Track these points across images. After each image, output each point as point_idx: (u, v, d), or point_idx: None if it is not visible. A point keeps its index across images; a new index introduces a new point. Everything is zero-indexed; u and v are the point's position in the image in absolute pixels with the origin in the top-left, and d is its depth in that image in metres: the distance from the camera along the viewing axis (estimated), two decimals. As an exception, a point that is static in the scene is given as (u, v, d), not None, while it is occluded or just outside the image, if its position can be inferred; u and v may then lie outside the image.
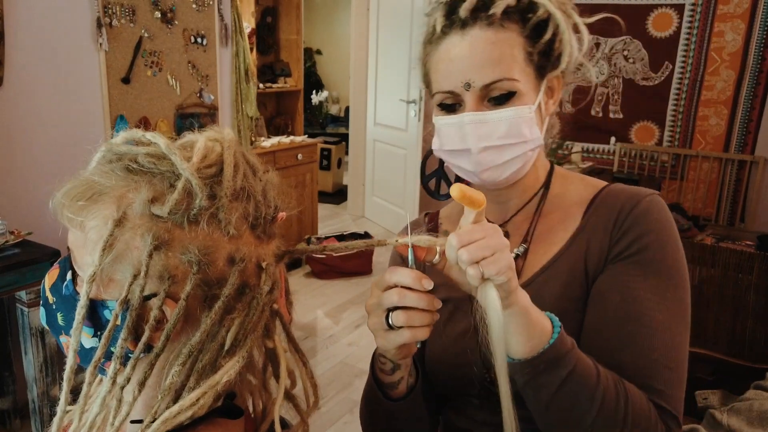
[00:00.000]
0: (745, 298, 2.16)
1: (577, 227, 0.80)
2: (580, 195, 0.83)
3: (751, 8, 3.51)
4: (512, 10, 0.74)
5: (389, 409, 0.80)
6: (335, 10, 8.04)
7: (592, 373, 0.66)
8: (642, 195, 0.78)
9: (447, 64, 0.75)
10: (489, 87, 0.74)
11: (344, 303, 3.60)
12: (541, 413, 0.69)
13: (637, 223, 0.75)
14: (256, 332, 0.53)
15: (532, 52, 0.75)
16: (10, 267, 1.88)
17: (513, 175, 0.80)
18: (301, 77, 4.38)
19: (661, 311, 0.72)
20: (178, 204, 0.48)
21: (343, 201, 5.85)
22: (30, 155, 2.34)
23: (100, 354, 0.49)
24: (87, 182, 0.51)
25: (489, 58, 0.73)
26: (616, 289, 0.74)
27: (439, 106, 0.80)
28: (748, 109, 3.60)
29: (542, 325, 0.65)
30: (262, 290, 0.53)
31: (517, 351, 0.65)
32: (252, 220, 0.53)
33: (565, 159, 3.85)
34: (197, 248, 0.49)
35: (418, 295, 0.60)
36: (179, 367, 0.49)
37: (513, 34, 0.74)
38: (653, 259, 0.74)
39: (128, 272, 0.48)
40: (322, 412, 2.50)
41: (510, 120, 0.75)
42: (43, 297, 0.57)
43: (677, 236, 0.77)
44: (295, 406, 0.60)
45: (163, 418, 0.48)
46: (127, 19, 2.69)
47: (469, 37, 0.73)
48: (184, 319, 0.50)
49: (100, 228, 0.49)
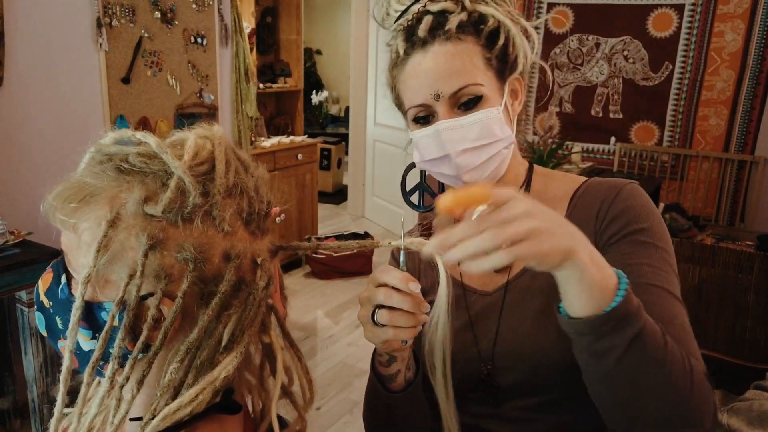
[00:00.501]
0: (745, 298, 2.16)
1: None
2: (562, 190, 0.87)
3: (751, 8, 3.51)
4: (465, 24, 0.79)
5: (388, 401, 0.82)
6: (335, 10, 8.04)
7: (659, 335, 0.62)
8: (621, 184, 0.83)
9: (414, 80, 0.81)
10: (457, 94, 0.79)
11: (344, 303, 3.60)
12: (602, 382, 0.64)
13: (623, 208, 0.80)
14: (253, 328, 0.53)
15: (491, 57, 0.81)
16: (10, 267, 1.88)
17: (493, 174, 0.84)
18: (301, 77, 4.39)
19: (666, 281, 0.75)
20: (172, 202, 0.48)
21: (343, 201, 5.85)
22: (30, 155, 2.34)
23: (97, 355, 0.49)
24: (78, 184, 0.51)
25: (452, 68, 0.78)
26: (620, 268, 0.76)
27: (414, 121, 0.85)
28: (748, 109, 3.60)
29: (605, 283, 0.59)
30: (258, 286, 0.53)
31: (575, 309, 0.60)
32: (246, 216, 0.53)
33: (565, 159, 3.85)
34: (192, 246, 0.48)
35: (403, 297, 0.62)
36: (177, 364, 0.49)
37: (470, 44, 0.79)
38: (647, 235, 0.78)
39: (124, 273, 0.48)
40: (322, 412, 2.50)
41: (481, 122, 0.80)
42: (38, 302, 0.56)
43: (659, 215, 0.81)
44: (293, 402, 0.60)
45: (163, 415, 0.48)
46: (127, 19, 2.69)
47: (430, 53, 0.79)
48: (182, 317, 0.50)
49: (94, 229, 0.49)
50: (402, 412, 0.83)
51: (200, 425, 0.52)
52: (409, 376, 0.81)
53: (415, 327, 0.64)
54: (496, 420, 0.84)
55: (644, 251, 0.77)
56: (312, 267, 3.96)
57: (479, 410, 0.86)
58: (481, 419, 0.86)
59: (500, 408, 0.84)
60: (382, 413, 0.85)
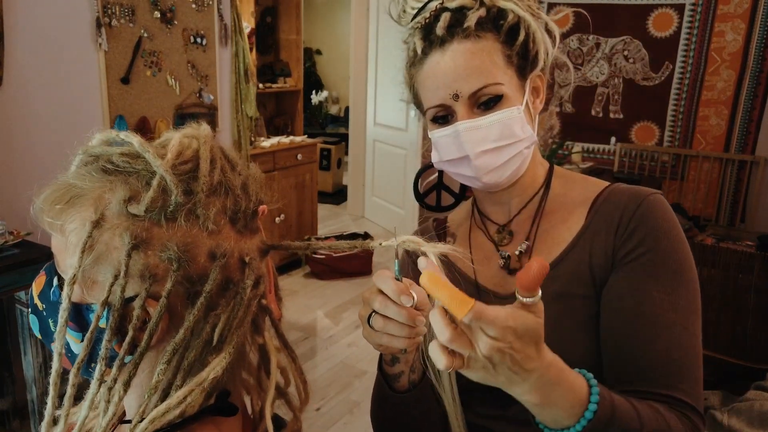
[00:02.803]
0: (745, 298, 2.16)
1: (582, 227, 0.82)
2: (583, 195, 0.85)
3: (752, 8, 3.51)
4: (484, 20, 0.77)
5: (393, 400, 0.81)
6: (335, 10, 8.05)
7: (634, 423, 0.63)
8: (644, 194, 0.80)
9: (433, 80, 0.79)
10: (476, 94, 0.77)
11: (344, 303, 3.59)
12: None
13: (642, 224, 0.77)
14: (243, 328, 0.53)
15: (511, 54, 0.79)
16: (9, 267, 1.88)
17: (513, 175, 0.82)
18: (300, 77, 4.38)
19: (675, 310, 0.73)
20: (154, 202, 0.48)
21: (342, 201, 5.85)
22: (29, 155, 2.34)
23: (83, 356, 0.49)
24: (64, 186, 0.51)
25: (471, 67, 0.76)
26: (628, 293, 0.75)
27: (432, 121, 0.83)
28: (749, 109, 3.60)
29: (568, 403, 0.59)
30: (246, 285, 0.52)
31: (549, 422, 0.61)
32: (231, 215, 0.52)
33: (565, 159, 3.85)
34: (176, 245, 0.48)
35: (398, 309, 0.60)
36: (164, 365, 0.49)
37: (489, 42, 0.77)
38: (662, 259, 0.75)
39: (110, 273, 0.48)
40: (322, 413, 2.50)
41: (501, 122, 0.78)
42: (32, 305, 0.56)
43: (681, 233, 0.78)
44: (288, 403, 0.60)
45: (151, 417, 0.48)
46: (127, 19, 2.69)
47: (449, 52, 0.77)
48: (169, 317, 0.50)
49: (79, 230, 0.49)
50: (408, 411, 0.82)
51: (195, 427, 0.52)
52: (413, 379, 0.81)
53: (408, 338, 0.61)
54: (503, 421, 0.84)
55: (655, 276, 0.74)
56: (312, 267, 3.96)
57: (486, 411, 0.85)
58: (487, 420, 0.85)
59: (507, 410, 0.83)
60: (389, 411, 0.84)
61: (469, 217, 0.94)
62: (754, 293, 2.14)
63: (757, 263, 2.13)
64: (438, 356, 0.51)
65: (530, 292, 0.52)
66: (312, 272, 3.98)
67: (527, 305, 0.52)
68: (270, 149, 3.72)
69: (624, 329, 0.74)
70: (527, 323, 0.51)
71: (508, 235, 0.87)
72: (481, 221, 0.91)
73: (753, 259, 2.14)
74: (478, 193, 0.91)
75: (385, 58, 4.69)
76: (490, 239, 0.89)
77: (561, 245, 0.82)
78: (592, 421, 0.59)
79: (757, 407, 1.45)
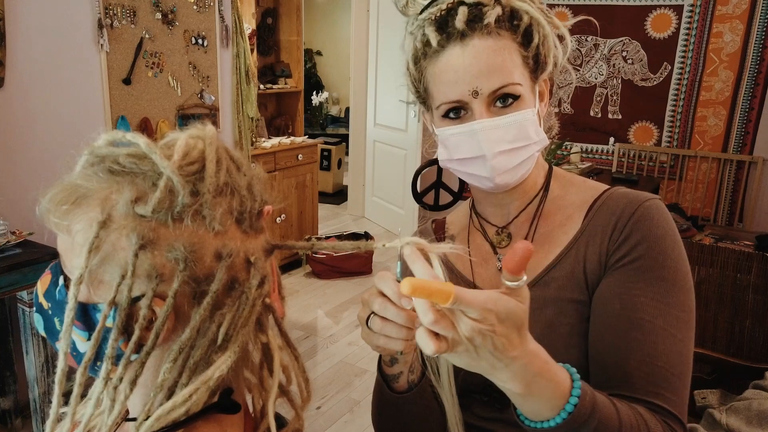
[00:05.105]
0: (743, 297, 2.16)
1: (578, 230, 0.82)
2: (581, 198, 0.84)
3: (750, 9, 3.52)
4: (502, 18, 0.76)
5: (392, 400, 0.81)
6: (335, 11, 8.05)
7: (613, 421, 0.63)
8: (641, 200, 0.79)
9: (452, 75, 0.76)
10: (496, 93, 0.76)
11: (344, 303, 3.60)
12: None
13: (637, 229, 0.76)
14: (248, 327, 0.53)
15: (527, 56, 0.78)
16: (11, 267, 1.89)
17: (522, 177, 0.81)
18: (301, 78, 4.39)
19: (663, 317, 0.72)
20: (161, 202, 0.48)
21: (343, 201, 5.86)
22: (31, 156, 2.35)
23: (89, 355, 0.49)
24: (71, 186, 0.51)
25: (493, 64, 0.74)
26: (616, 297, 0.75)
27: (444, 116, 0.80)
28: (747, 110, 3.61)
29: (550, 394, 0.59)
30: (252, 284, 0.52)
31: (529, 413, 0.61)
32: (237, 215, 0.53)
33: (564, 159, 3.86)
34: (183, 245, 0.49)
35: (397, 311, 0.59)
36: (170, 363, 0.49)
37: (508, 41, 0.76)
38: (653, 265, 0.75)
39: (116, 273, 0.48)
40: (323, 411, 2.51)
41: (518, 123, 0.77)
42: (37, 304, 0.57)
43: (678, 240, 0.77)
44: (290, 401, 0.60)
45: (157, 415, 0.48)
46: (128, 20, 2.70)
47: (470, 47, 0.75)
48: (175, 317, 0.50)
49: (86, 231, 0.49)
50: (407, 411, 0.82)
51: (199, 425, 0.52)
52: (412, 379, 0.81)
53: (406, 340, 0.61)
54: (501, 424, 0.84)
55: (644, 282, 0.74)
56: (312, 267, 3.97)
57: (485, 413, 0.86)
58: (486, 422, 0.86)
59: (503, 413, 0.83)
60: (388, 412, 0.84)
61: (467, 219, 0.94)
62: (752, 293, 2.14)
63: (755, 263, 2.14)
64: (425, 341, 0.51)
65: (515, 275, 0.52)
66: (312, 272, 3.99)
67: (512, 289, 0.52)
68: (271, 150, 3.73)
69: (609, 334, 0.74)
70: (509, 307, 0.51)
71: (507, 237, 0.87)
72: (479, 223, 0.91)
73: (751, 258, 2.15)
74: (477, 195, 0.91)
75: (386, 60, 4.70)
76: (488, 241, 0.89)
77: (558, 248, 0.82)
78: (572, 414, 0.59)
79: (755, 406, 1.46)
